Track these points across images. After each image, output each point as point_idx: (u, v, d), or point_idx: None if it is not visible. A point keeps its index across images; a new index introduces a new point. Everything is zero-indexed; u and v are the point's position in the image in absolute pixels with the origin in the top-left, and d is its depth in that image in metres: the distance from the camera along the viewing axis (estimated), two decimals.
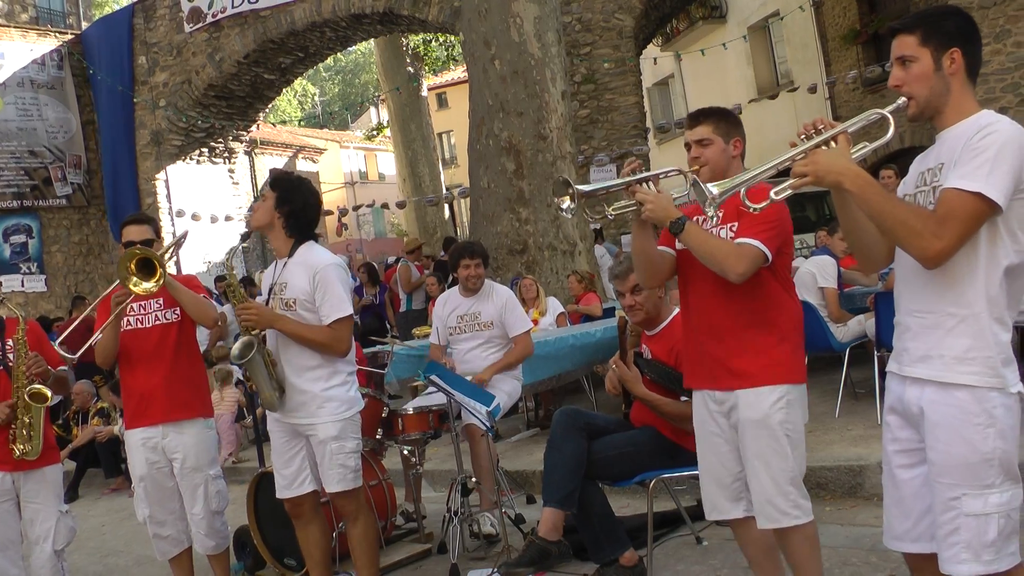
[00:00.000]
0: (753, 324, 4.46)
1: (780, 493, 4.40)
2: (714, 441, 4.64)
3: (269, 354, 5.76)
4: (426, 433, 7.32)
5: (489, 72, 13.47)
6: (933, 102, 3.38)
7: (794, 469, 4.43)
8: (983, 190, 3.13)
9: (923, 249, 3.20)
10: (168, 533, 6.48)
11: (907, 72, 3.38)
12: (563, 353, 9.86)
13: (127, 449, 6.51)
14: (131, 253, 5.98)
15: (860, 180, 3.27)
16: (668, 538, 6.70)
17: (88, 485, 13.23)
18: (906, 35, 3.38)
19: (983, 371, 3.26)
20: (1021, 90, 16.67)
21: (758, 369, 4.43)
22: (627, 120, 19.50)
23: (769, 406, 4.39)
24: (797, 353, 4.57)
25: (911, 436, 3.46)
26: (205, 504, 6.38)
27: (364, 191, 53.84)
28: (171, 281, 6.16)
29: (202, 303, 6.26)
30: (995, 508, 3.23)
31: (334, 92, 72.89)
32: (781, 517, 4.41)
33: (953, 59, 3.33)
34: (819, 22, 26.38)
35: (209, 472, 6.41)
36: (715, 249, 4.34)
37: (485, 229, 13.53)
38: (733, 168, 4.58)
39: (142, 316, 6.32)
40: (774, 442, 4.39)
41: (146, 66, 23.13)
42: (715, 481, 4.69)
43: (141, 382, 6.30)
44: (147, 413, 6.27)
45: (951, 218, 3.17)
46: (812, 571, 4.54)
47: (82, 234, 24.01)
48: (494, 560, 6.59)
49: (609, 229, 19.05)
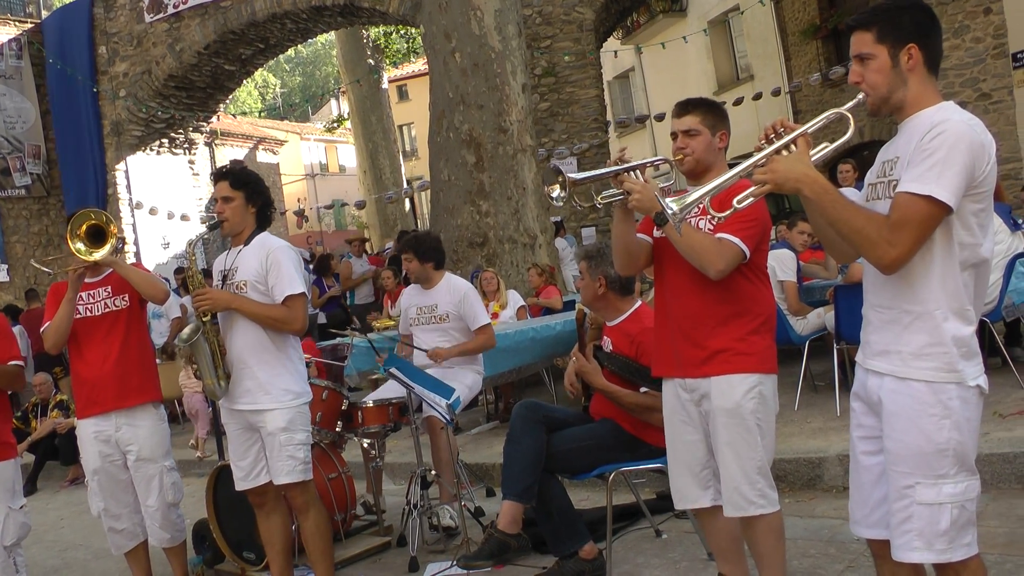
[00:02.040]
0: (728, 314, 4.49)
1: (748, 482, 4.43)
2: (683, 429, 4.67)
3: (220, 343, 5.77)
4: (386, 426, 7.31)
5: (450, 65, 13.44)
6: (891, 98, 3.40)
7: (763, 458, 4.48)
8: (933, 193, 3.15)
9: (879, 258, 3.25)
10: (123, 527, 6.46)
11: (865, 68, 3.40)
12: (523, 346, 9.89)
13: (79, 442, 6.46)
14: (84, 215, 6.00)
15: (817, 187, 3.30)
16: (627, 531, 6.72)
17: (47, 478, 13.14)
18: (863, 32, 3.39)
19: (939, 367, 3.29)
20: (979, 85, 16.85)
21: (731, 357, 4.47)
22: (587, 113, 19.51)
23: (741, 395, 4.43)
24: (770, 343, 4.61)
25: (874, 424, 3.50)
26: (160, 496, 6.37)
27: (324, 183, 53.78)
28: (113, 258, 6.17)
29: (149, 277, 6.28)
30: (948, 498, 3.27)
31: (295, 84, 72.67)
32: (748, 506, 4.45)
33: (910, 55, 3.34)
34: (779, 17, 26.52)
35: (164, 464, 6.40)
36: (696, 244, 4.36)
37: (445, 222, 13.51)
38: (718, 162, 4.65)
39: (91, 304, 6.28)
40: (745, 431, 4.43)
41: (106, 56, 22.89)
42: (684, 469, 4.72)
43: (93, 370, 6.27)
44: (98, 400, 6.25)
45: (904, 224, 3.20)
46: (776, 562, 4.57)
47: (41, 224, 23.74)
48: (453, 553, 6.61)
49: (570, 222, 19.09)
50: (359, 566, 6.94)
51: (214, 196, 5.95)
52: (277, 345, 5.77)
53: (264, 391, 5.70)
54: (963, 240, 3.29)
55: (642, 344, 5.72)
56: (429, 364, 7.70)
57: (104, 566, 8.16)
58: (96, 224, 6.02)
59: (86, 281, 6.27)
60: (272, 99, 69.34)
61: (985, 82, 16.89)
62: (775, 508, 4.51)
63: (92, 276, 6.30)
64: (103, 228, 6.01)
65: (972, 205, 3.26)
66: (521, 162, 13.34)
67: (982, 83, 16.90)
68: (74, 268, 6.06)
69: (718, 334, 4.49)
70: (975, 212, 3.27)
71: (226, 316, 5.82)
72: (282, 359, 5.78)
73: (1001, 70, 16.82)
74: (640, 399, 5.67)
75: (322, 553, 5.90)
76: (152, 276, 6.29)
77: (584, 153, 19.22)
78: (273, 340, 5.76)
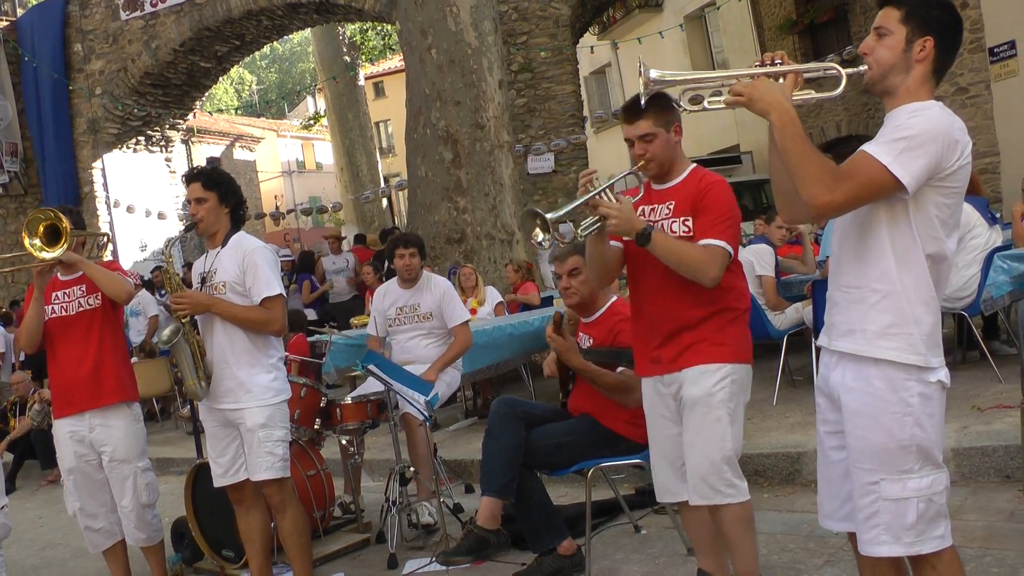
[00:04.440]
0: (702, 306, 4.51)
1: (714, 470, 4.45)
2: (664, 424, 4.69)
3: (199, 343, 5.79)
4: (364, 423, 7.31)
5: (426, 61, 13.44)
6: (890, 78, 3.38)
7: (730, 449, 4.48)
8: (890, 165, 3.16)
9: (812, 196, 3.23)
10: (100, 526, 6.47)
11: (879, 42, 3.38)
12: (501, 342, 9.87)
13: (55, 441, 6.46)
14: (42, 215, 6.00)
15: (786, 116, 3.29)
16: (606, 527, 6.72)
17: (25, 477, 13.13)
18: (893, 8, 3.38)
19: (904, 347, 3.30)
20: (956, 79, 16.86)
21: (705, 348, 4.49)
22: (564, 109, 19.49)
23: (712, 384, 4.45)
24: (744, 333, 4.64)
25: (838, 419, 3.50)
26: (134, 496, 6.37)
27: (302, 180, 53.71)
28: (78, 257, 6.19)
29: (115, 278, 6.23)
30: (914, 492, 3.28)
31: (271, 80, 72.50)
32: (714, 495, 4.47)
33: (924, 47, 3.33)
34: (755, 12, 26.60)
35: (138, 464, 6.39)
36: (684, 256, 4.37)
37: (423, 218, 13.51)
38: (678, 155, 4.65)
39: (66, 303, 6.29)
40: (714, 420, 4.45)
41: (82, 54, 22.79)
42: (666, 463, 4.75)
43: (68, 370, 6.27)
44: (73, 401, 6.25)
45: (849, 177, 3.21)
46: (746, 551, 4.59)
47: (18, 223, 23.47)
48: (432, 550, 6.62)
49: None
50: (338, 563, 6.92)
51: (187, 198, 5.94)
52: (256, 345, 5.79)
53: (246, 390, 5.72)
54: (924, 230, 3.29)
55: (621, 332, 5.73)
56: (409, 360, 7.69)
57: (83, 565, 8.13)
58: (52, 224, 6.00)
59: (61, 279, 6.29)
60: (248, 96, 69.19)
61: (962, 76, 16.86)
62: (744, 498, 4.52)
63: (66, 275, 6.31)
64: (58, 227, 5.99)
65: (938, 198, 3.26)
66: (498, 158, 13.36)
67: (959, 77, 16.85)
68: (35, 267, 6.06)
69: (694, 329, 4.52)
70: (939, 206, 3.27)
71: (205, 318, 5.84)
72: (261, 359, 5.80)
73: (978, 64, 16.81)
74: (616, 379, 5.67)
75: (300, 550, 5.90)
76: (117, 276, 6.25)
77: (562, 151, 19.22)
78: (252, 341, 5.77)
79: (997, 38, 16.65)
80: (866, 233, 3.36)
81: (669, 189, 4.64)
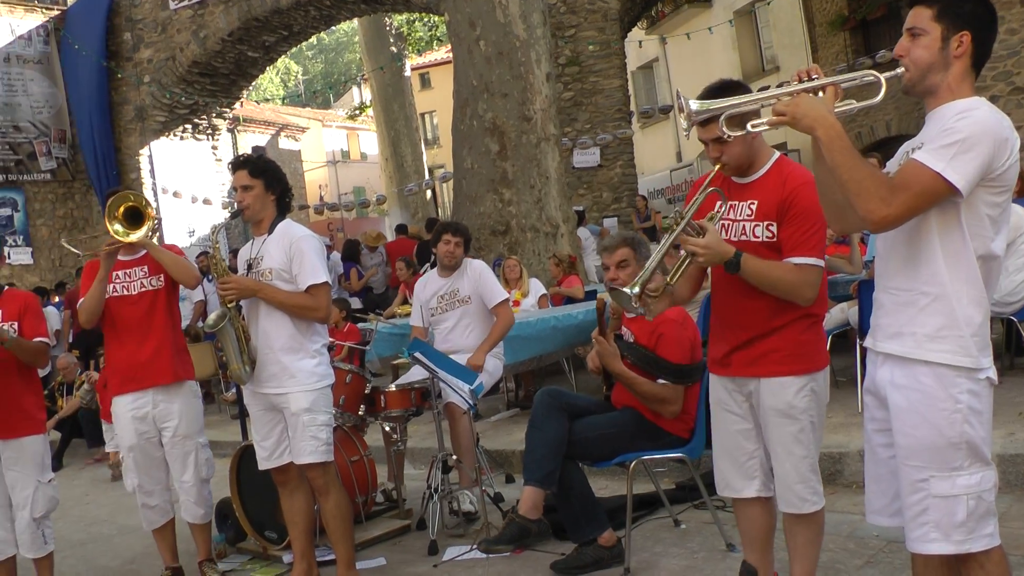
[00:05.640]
0: (784, 314, 4.39)
1: (802, 480, 4.42)
2: (730, 419, 4.62)
3: (244, 328, 5.88)
4: (408, 410, 7.35)
5: (474, 53, 13.45)
6: (929, 78, 3.37)
7: (814, 456, 4.45)
8: (943, 171, 3.15)
9: (869, 211, 3.21)
10: (156, 503, 6.58)
11: (914, 43, 3.37)
12: (545, 334, 9.89)
13: (115, 418, 6.55)
14: (123, 197, 6.13)
15: (832, 131, 3.28)
16: (646, 520, 6.74)
17: (72, 455, 13.35)
18: (923, 7, 3.37)
19: (954, 350, 3.30)
20: (1012, 78, 16.56)
21: (783, 359, 4.39)
22: (611, 103, 19.48)
23: (793, 395, 4.36)
24: (821, 337, 4.55)
25: (885, 416, 3.50)
26: (195, 472, 6.51)
27: (346, 170, 53.85)
28: (148, 240, 6.30)
29: (183, 264, 6.36)
30: (963, 490, 3.29)
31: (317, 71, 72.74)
32: (802, 504, 4.44)
33: (961, 42, 3.33)
34: (806, 7, 26.40)
35: (199, 440, 6.54)
36: (778, 281, 4.27)
37: (468, 210, 13.53)
38: (758, 148, 4.46)
39: (128, 283, 6.39)
40: (798, 431, 4.39)
41: (131, 42, 23.02)
42: (729, 459, 4.68)
43: (130, 348, 6.37)
44: (136, 378, 6.36)
45: (904, 189, 3.20)
46: (811, 555, 4.57)
47: (66, 208, 23.94)
48: (472, 537, 6.68)
49: (592, 212, 19.09)
50: (379, 548, 6.98)
51: (233, 185, 6.01)
52: (300, 331, 5.86)
53: (289, 375, 5.80)
54: (975, 230, 3.29)
55: (663, 336, 5.75)
56: (452, 350, 7.73)
57: (128, 541, 8.25)
58: (134, 206, 6.13)
59: (123, 260, 6.39)
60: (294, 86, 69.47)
61: (1019, 75, 16.48)
62: (823, 503, 4.51)
63: (128, 255, 6.41)
64: (140, 210, 6.12)
65: (988, 197, 3.26)
66: (544, 151, 13.34)
67: (1016, 76, 16.50)
68: (107, 245, 6.15)
69: (770, 335, 4.42)
70: (989, 204, 3.27)
71: (251, 303, 5.93)
72: (305, 344, 5.87)
73: None
74: (656, 389, 5.70)
75: (342, 534, 5.97)
76: (184, 260, 6.37)
77: (608, 145, 19.22)
78: (296, 327, 5.85)
79: None
80: (915, 236, 3.35)
81: (751, 184, 4.47)
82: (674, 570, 5.75)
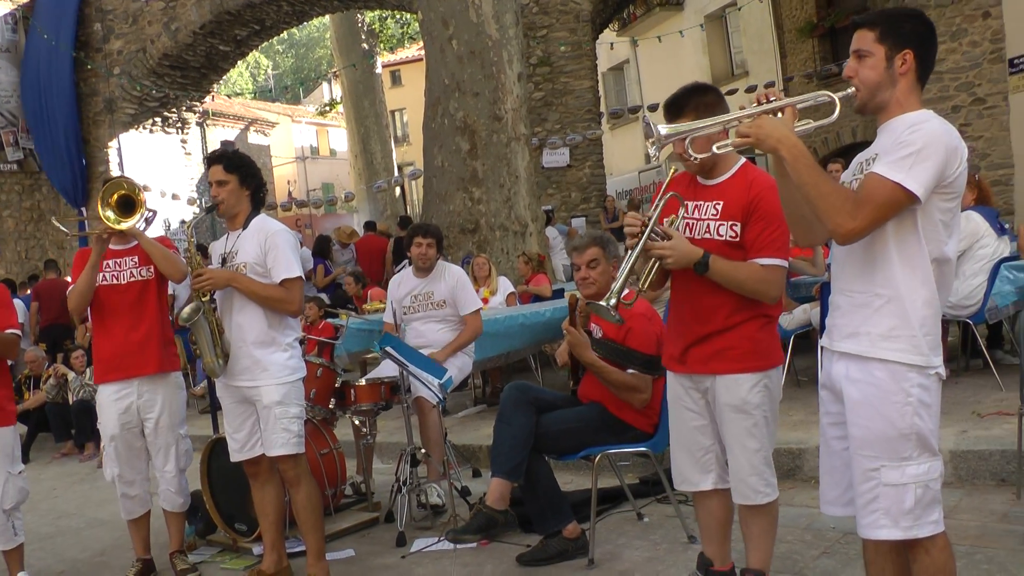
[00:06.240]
0: (739, 312, 4.55)
1: (755, 473, 4.59)
2: (687, 415, 4.79)
3: (218, 322, 5.95)
4: (377, 404, 7.46)
5: (446, 52, 13.52)
6: (879, 96, 3.57)
7: (768, 449, 4.63)
8: (903, 181, 3.32)
9: (837, 225, 3.40)
10: (135, 493, 6.64)
11: (861, 64, 3.57)
12: (512, 331, 10.02)
13: (99, 407, 6.61)
14: (117, 184, 6.18)
15: (796, 150, 3.46)
16: (610, 513, 6.87)
17: (39, 449, 13.30)
18: (866, 30, 3.57)
19: (907, 348, 3.47)
20: (974, 89, 16.87)
21: (739, 356, 4.56)
22: (581, 104, 19.63)
23: (747, 391, 4.54)
24: (774, 335, 4.72)
25: (840, 410, 3.68)
26: (176, 462, 6.59)
27: (315, 166, 53.76)
28: (139, 231, 6.34)
29: (172, 258, 6.40)
30: (912, 479, 3.46)
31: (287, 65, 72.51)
32: (755, 495, 4.62)
33: (905, 60, 3.53)
34: (776, 14, 26.59)
35: (180, 431, 6.63)
36: (745, 280, 4.45)
37: (438, 207, 13.61)
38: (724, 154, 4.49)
39: (117, 272, 6.46)
40: (751, 425, 4.56)
41: (101, 33, 22.86)
42: (686, 454, 4.86)
43: (118, 337, 6.43)
44: (122, 367, 6.42)
45: (868, 202, 3.37)
46: (766, 545, 4.76)
47: (33, 200, 23.72)
48: (440, 530, 6.77)
49: (560, 211, 19.22)
50: (348, 540, 7.07)
51: (209, 180, 6.09)
52: (273, 325, 5.94)
53: (262, 368, 5.88)
54: (930, 235, 3.47)
55: (632, 329, 5.87)
56: (423, 345, 7.83)
57: (97, 534, 8.29)
58: (127, 194, 6.18)
59: (114, 248, 6.44)
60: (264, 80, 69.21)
61: (980, 87, 16.84)
62: (776, 495, 4.69)
63: (120, 244, 6.46)
64: (133, 199, 6.17)
65: (941, 203, 3.45)
66: (515, 150, 13.43)
67: (977, 88, 16.84)
68: (100, 232, 6.21)
69: (726, 332, 4.57)
70: (942, 210, 3.46)
71: (225, 297, 5.99)
72: (278, 338, 5.95)
73: (997, 75, 16.77)
74: (626, 378, 5.83)
75: (313, 524, 6.03)
76: (173, 255, 6.41)
77: (578, 146, 19.35)
78: (269, 320, 5.92)
79: (1018, 49, 16.63)
80: (872, 241, 3.51)
81: (717, 186, 4.63)
82: (636, 561, 5.87)
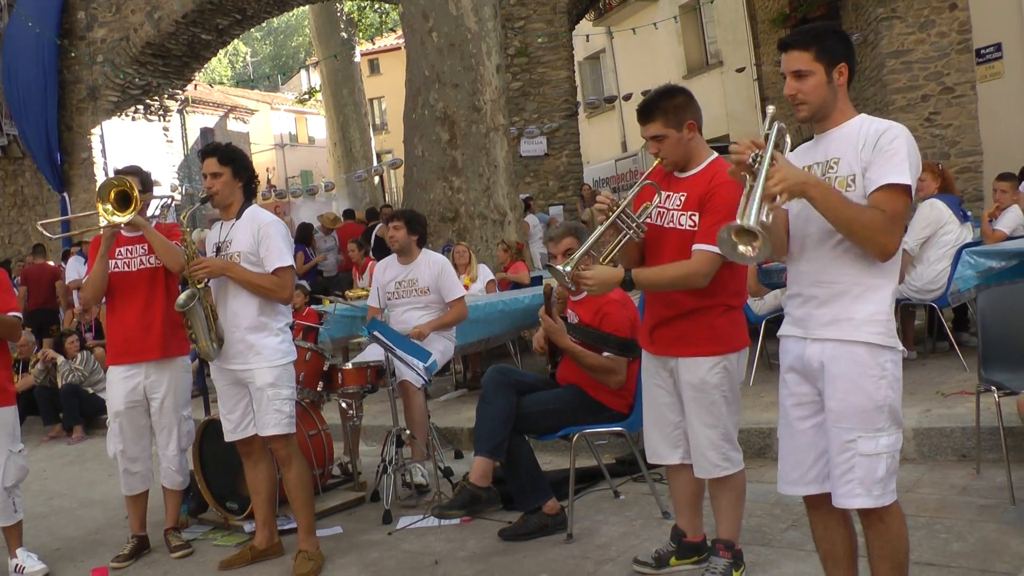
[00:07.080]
0: (699, 298, 4.90)
1: (713, 447, 4.96)
2: (658, 393, 5.18)
3: (212, 308, 6.18)
4: (364, 387, 7.69)
5: (426, 44, 13.68)
6: (824, 108, 3.90)
7: (727, 425, 4.99)
8: (910, 182, 3.67)
9: (885, 246, 3.70)
10: (138, 469, 6.88)
11: (802, 83, 3.86)
12: (492, 318, 10.30)
13: (108, 384, 6.87)
14: (109, 184, 6.42)
15: (821, 188, 3.69)
16: (588, 491, 7.15)
17: (27, 432, 13.26)
18: (801, 51, 3.87)
19: (882, 332, 3.79)
20: (943, 79, 17.14)
21: (698, 341, 4.94)
22: (558, 94, 19.87)
23: (706, 372, 4.92)
24: (736, 323, 5.06)
25: (808, 391, 3.99)
26: (178, 442, 6.84)
27: (294, 153, 53.76)
28: (143, 222, 6.54)
29: (171, 248, 6.54)
30: (884, 449, 3.76)
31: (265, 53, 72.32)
32: (713, 469, 4.99)
33: (841, 72, 3.87)
34: (749, 5, 26.85)
35: (183, 412, 6.88)
36: (673, 278, 4.84)
37: (418, 196, 13.78)
38: (694, 150, 4.97)
39: (128, 260, 6.72)
40: (710, 403, 4.94)
41: (84, 21, 22.81)
42: (657, 429, 5.24)
43: (129, 321, 6.69)
44: (132, 351, 6.68)
45: (897, 216, 3.70)
46: (733, 518, 5.12)
47: (17, 185, 23.66)
48: (424, 508, 7.03)
49: (538, 200, 19.44)
50: (336, 518, 7.32)
51: (203, 172, 6.31)
52: (265, 311, 6.19)
53: (255, 352, 6.14)
54: None
55: (607, 315, 6.16)
56: (405, 330, 8.02)
57: (91, 513, 8.52)
58: (122, 190, 6.41)
59: (126, 236, 6.70)
60: (242, 67, 69.05)
61: (949, 76, 17.10)
62: (738, 468, 5.05)
63: (130, 232, 6.69)
64: (129, 193, 6.39)
65: None
66: (493, 140, 13.63)
67: (946, 77, 17.09)
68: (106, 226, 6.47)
69: (689, 315, 4.94)
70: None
71: (219, 285, 6.24)
72: (270, 323, 6.21)
73: (965, 65, 17.03)
74: (602, 360, 6.12)
75: (303, 502, 6.29)
76: (172, 245, 6.55)
77: (555, 135, 19.59)
78: (262, 307, 6.17)
79: (984, 40, 16.92)
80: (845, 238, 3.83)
81: (685, 180, 4.98)
82: (613, 535, 6.15)
